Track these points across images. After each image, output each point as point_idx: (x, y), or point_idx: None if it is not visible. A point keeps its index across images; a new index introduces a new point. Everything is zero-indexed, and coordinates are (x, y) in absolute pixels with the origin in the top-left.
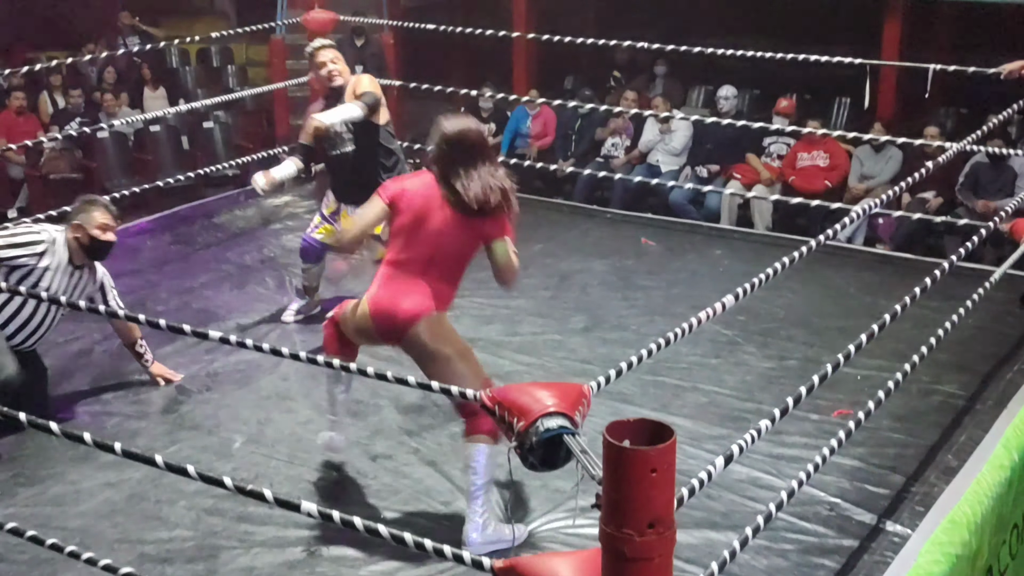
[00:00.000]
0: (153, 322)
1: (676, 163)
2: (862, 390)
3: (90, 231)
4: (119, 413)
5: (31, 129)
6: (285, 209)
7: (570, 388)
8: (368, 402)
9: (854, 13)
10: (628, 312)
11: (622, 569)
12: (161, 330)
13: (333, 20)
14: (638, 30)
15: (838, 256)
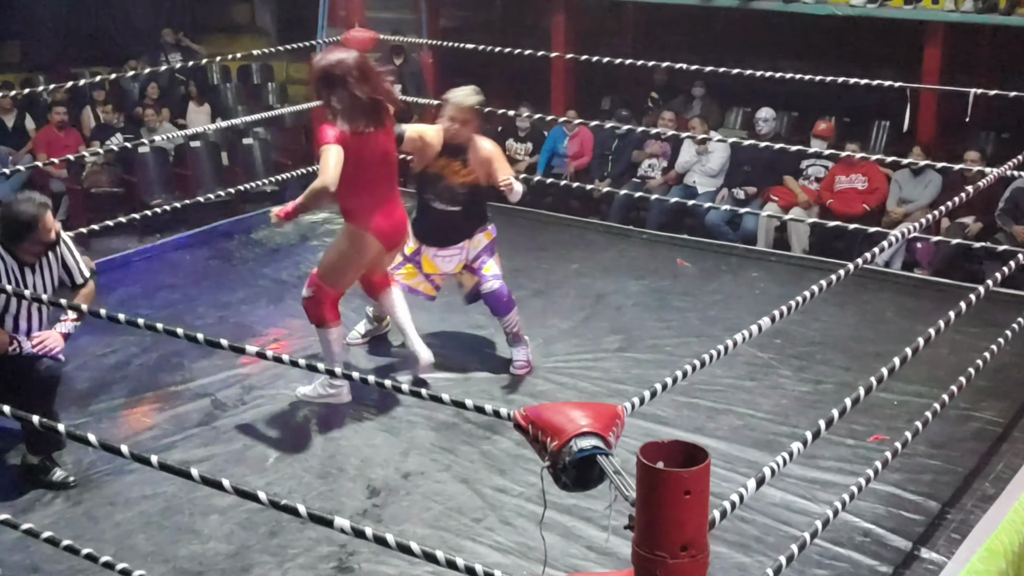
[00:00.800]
0: (191, 336)
1: (713, 184)
2: (899, 416)
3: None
4: (156, 426)
5: (73, 143)
6: (323, 226)
7: (604, 408)
8: (402, 419)
9: (894, 36)
10: (663, 333)
11: None
12: (199, 344)
13: (373, 39)
14: (676, 51)
15: (876, 280)
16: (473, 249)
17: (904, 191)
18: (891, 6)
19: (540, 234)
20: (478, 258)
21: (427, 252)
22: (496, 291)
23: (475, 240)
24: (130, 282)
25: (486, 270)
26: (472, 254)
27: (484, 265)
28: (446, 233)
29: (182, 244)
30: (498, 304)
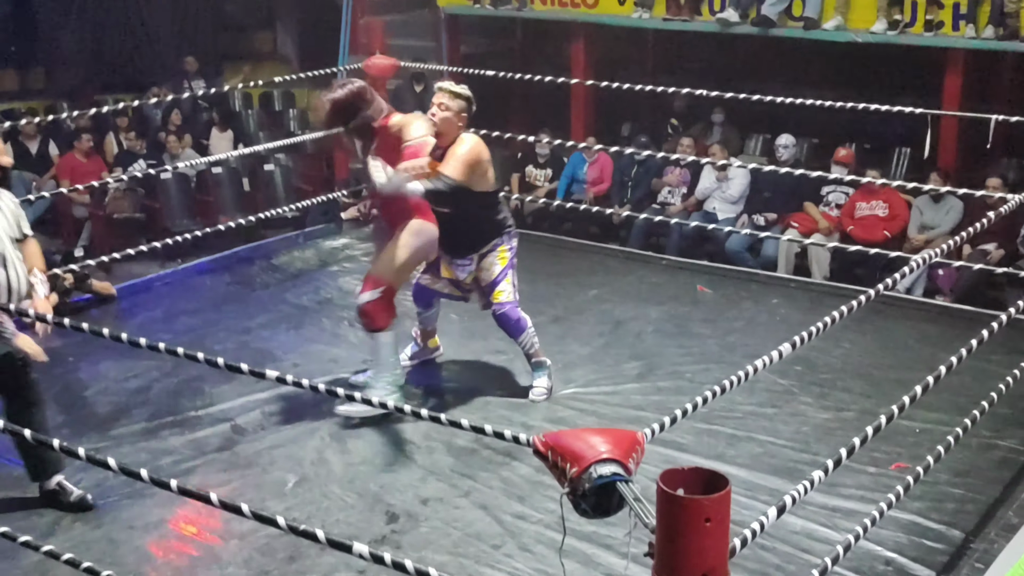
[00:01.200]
0: (212, 360)
1: (733, 211)
2: (921, 443)
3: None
4: (176, 450)
5: (96, 170)
6: (343, 251)
7: (624, 435)
8: (420, 444)
9: (915, 63)
10: (683, 360)
11: None
12: (219, 368)
13: (394, 66)
14: (695, 78)
15: (897, 307)
16: (486, 269)
17: (925, 217)
18: (912, 33)
19: (559, 260)
20: (494, 284)
21: (443, 257)
22: (504, 312)
23: (488, 259)
24: (151, 307)
25: (496, 296)
26: (486, 274)
27: (495, 290)
28: (455, 239)
29: (203, 269)
30: (508, 326)
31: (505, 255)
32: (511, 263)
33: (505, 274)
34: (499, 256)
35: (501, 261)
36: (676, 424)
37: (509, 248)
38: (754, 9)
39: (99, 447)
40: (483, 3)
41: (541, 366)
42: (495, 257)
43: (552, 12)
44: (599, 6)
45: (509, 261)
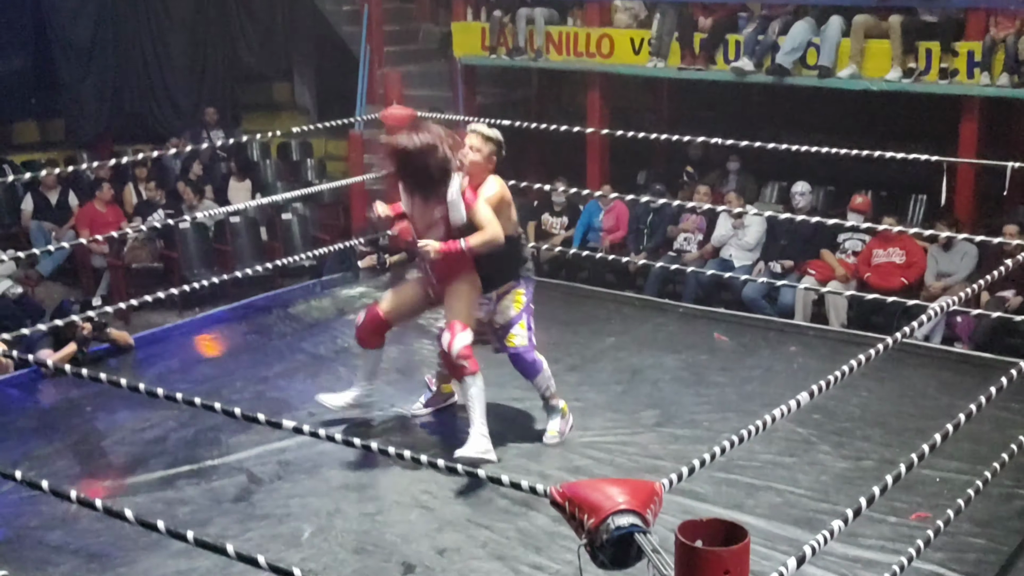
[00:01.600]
0: (228, 411)
1: (750, 258)
2: (941, 493)
3: None
4: (192, 501)
5: (114, 219)
6: (360, 300)
7: (642, 485)
8: (437, 494)
9: (930, 111)
10: (700, 408)
11: None
12: (236, 419)
13: (411, 116)
14: (710, 126)
15: (915, 355)
16: (501, 312)
17: (941, 265)
18: (927, 81)
19: (576, 308)
20: (508, 327)
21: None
22: (519, 354)
23: (504, 301)
24: (169, 356)
25: (510, 339)
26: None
27: (508, 333)
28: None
29: (220, 319)
30: (523, 367)
31: (520, 299)
32: (526, 307)
33: (520, 318)
34: (514, 299)
35: (516, 305)
36: (694, 474)
37: (525, 293)
38: (769, 58)
39: (115, 498)
40: (499, 54)
41: (555, 410)
42: (510, 300)
43: (567, 62)
44: (614, 56)
45: (525, 306)
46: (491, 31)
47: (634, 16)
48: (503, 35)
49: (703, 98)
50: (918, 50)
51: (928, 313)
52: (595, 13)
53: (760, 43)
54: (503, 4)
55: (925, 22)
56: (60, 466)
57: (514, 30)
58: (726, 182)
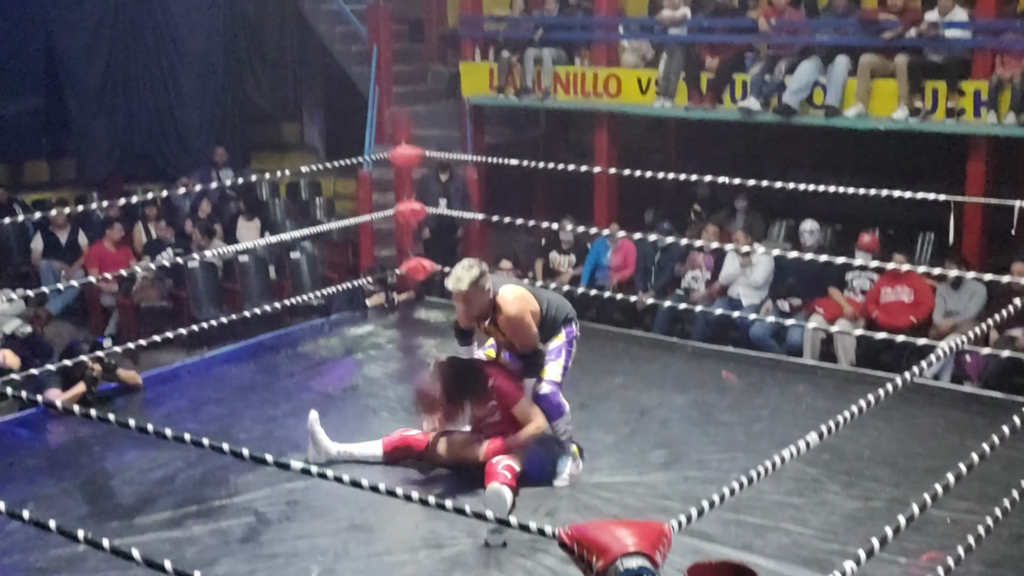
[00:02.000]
0: (237, 451)
1: (757, 297)
2: (951, 534)
3: None
4: (199, 541)
5: (124, 259)
6: (368, 339)
7: (650, 527)
8: (445, 534)
9: (938, 149)
10: (709, 448)
11: None
12: (244, 459)
13: (419, 156)
14: (718, 165)
15: (924, 394)
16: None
17: (950, 303)
18: (933, 120)
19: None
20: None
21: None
22: (547, 395)
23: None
24: (177, 396)
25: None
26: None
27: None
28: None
29: (229, 358)
30: (548, 408)
31: (561, 336)
32: (566, 345)
33: (559, 354)
34: (556, 337)
35: (557, 339)
36: (703, 515)
37: (566, 332)
38: (776, 98)
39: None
40: (507, 94)
41: (567, 453)
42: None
43: (575, 102)
44: (621, 95)
45: (565, 342)
46: (499, 71)
47: (641, 56)
48: (511, 75)
49: (710, 137)
50: (925, 89)
51: (937, 352)
52: (602, 53)
53: (767, 83)
54: (511, 45)
55: (931, 62)
56: (68, 506)
57: (522, 70)
58: (734, 221)
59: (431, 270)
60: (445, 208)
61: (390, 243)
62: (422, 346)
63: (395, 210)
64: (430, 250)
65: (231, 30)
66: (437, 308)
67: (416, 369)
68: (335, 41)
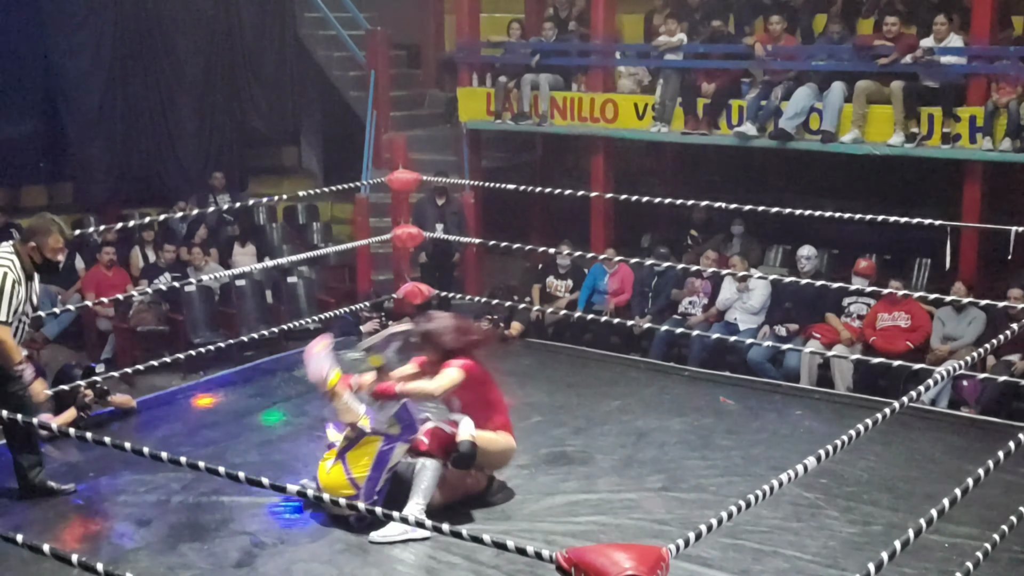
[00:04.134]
0: (232, 475)
1: (754, 322)
2: (950, 559)
3: (45, 252)
4: (194, 565)
5: (120, 283)
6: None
7: (648, 551)
8: (442, 559)
9: (934, 175)
10: (707, 472)
11: None
12: (240, 482)
13: (416, 180)
14: (715, 190)
15: (922, 419)
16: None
17: (948, 328)
18: (929, 146)
19: (581, 371)
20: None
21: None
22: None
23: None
24: (173, 419)
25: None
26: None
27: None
28: None
29: (225, 382)
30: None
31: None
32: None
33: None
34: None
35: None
36: (701, 539)
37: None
38: (772, 123)
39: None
40: (504, 119)
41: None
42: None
43: (572, 127)
44: (618, 120)
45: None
46: (496, 96)
47: (638, 82)
48: (508, 100)
49: (707, 162)
50: (920, 115)
51: (935, 377)
52: (599, 79)
53: (763, 108)
54: (508, 70)
55: (927, 87)
56: (61, 529)
57: (519, 95)
58: (730, 246)
59: (428, 295)
60: (442, 233)
61: (387, 267)
62: None
63: (392, 234)
64: (427, 274)
65: (229, 55)
66: None
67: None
68: (333, 66)
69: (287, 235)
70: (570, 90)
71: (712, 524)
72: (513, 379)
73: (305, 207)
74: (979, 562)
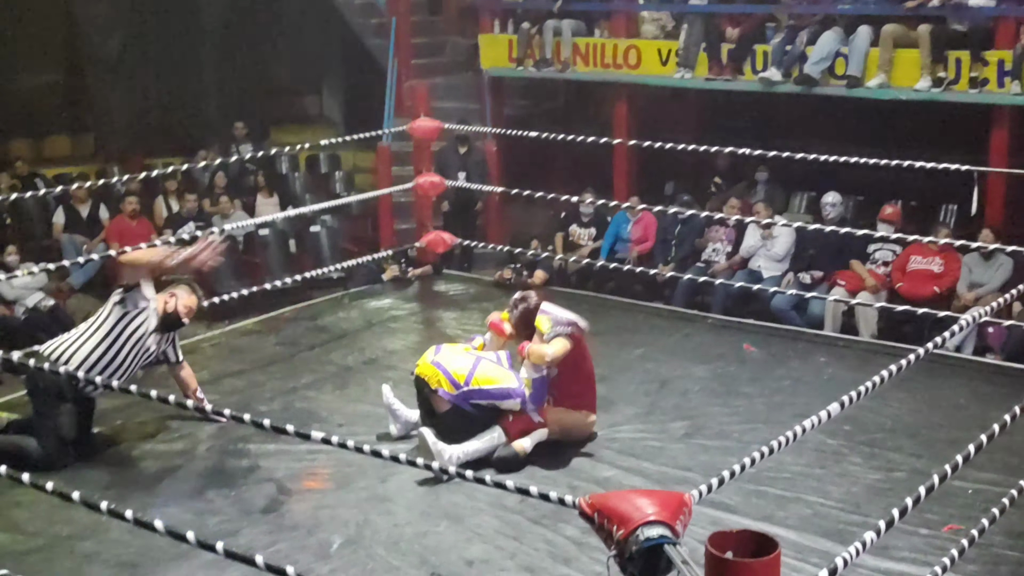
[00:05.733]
0: (257, 422)
1: (778, 269)
2: (974, 504)
3: (179, 307)
4: (222, 512)
5: (144, 233)
6: (388, 312)
7: (671, 496)
8: (466, 505)
9: (961, 120)
10: (730, 419)
11: None
12: (265, 430)
13: (438, 128)
14: (739, 137)
15: (947, 365)
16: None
17: (974, 275)
18: (956, 90)
19: (604, 319)
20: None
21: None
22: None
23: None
24: (198, 368)
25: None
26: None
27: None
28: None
29: (250, 331)
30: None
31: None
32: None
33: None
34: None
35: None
36: (724, 485)
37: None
38: (797, 68)
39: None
40: (526, 66)
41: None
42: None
43: (595, 73)
44: (641, 67)
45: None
46: (518, 43)
47: (661, 27)
48: (530, 47)
49: (731, 108)
50: (947, 59)
51: (960, 323)
52: (622, 24)
53: (788, 53)
54: (530, 16)
55: (954, 31)
56: (90, 477)
57: (541, 42)
58: (754, 192)
59: (451, 243)
60: (464, 181)
61: (409, 216)
62: (441, 319)
63: (414, 183)
64: (449, 223)
65: (251, 3)
66: (456, 281)
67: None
68: (354, 14)
69: (310, 184)
70: (593, 36)
71: (735, 470)
72: None
73: (327, 156)
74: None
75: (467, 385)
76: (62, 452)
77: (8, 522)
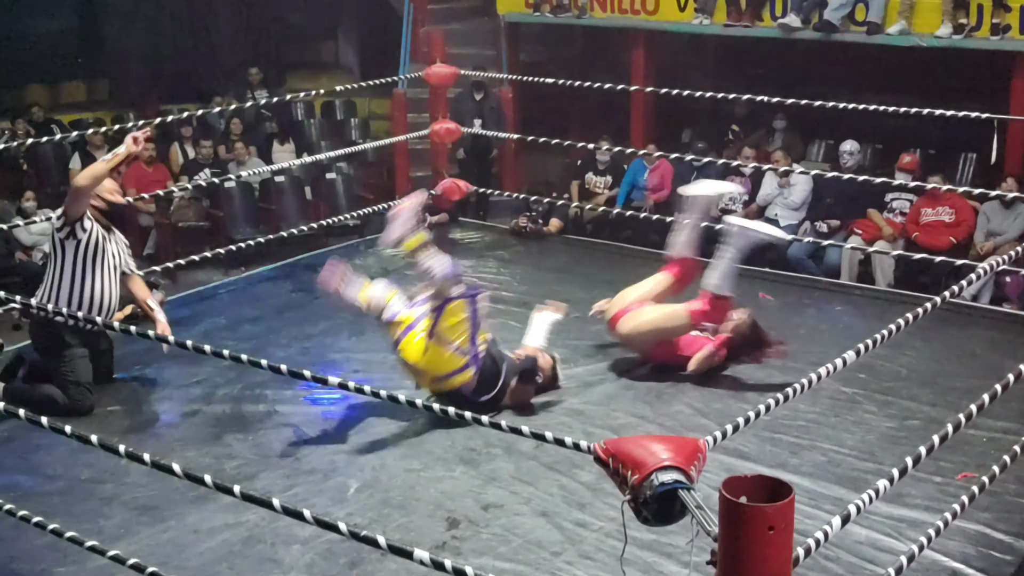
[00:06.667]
0: (275, 367)
1: (795, 217)
2: (988, 453)
3: (104, 196)
4: (239, 456)
5: (161, 179)
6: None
7: (685, 442)
8: (481, 450)
9: (981, 67)
10: (744, 366)
11: None
12: (282, 375)
13: (454, 74)
14: (757, 83)
15: (963, 314)
16: None
17: (992, 224)
18: (977, 37)
19: (619, 267)
20: None
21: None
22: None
23: None
24: (215, 314)
25: None
26: None
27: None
28: None
29: (266, 277)
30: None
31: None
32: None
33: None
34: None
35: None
36: (738, 432)
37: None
38: (816, 14)
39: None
40: (543, 11)
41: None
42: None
43: (612, 19)
44: (659, 13)
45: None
46: None
47: None
48: None
49: (749, 55)
50: (969, 5)
51: (977, 272)
52: None
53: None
54: None
55: None
56: (109, 421)
57: None
58: (772, 140)
59: (466, 191)
60: (480, 128)
61: (425, 163)
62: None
63: (430, 130)
64: (465, 170)
65: None
66: (471, 228)
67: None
68: None
69: (325, 131)
70: None
71: (750, 417)
72: (551, 276)
73: (343, 103)
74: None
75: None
76: (83, 396)
77: (29, 465)
